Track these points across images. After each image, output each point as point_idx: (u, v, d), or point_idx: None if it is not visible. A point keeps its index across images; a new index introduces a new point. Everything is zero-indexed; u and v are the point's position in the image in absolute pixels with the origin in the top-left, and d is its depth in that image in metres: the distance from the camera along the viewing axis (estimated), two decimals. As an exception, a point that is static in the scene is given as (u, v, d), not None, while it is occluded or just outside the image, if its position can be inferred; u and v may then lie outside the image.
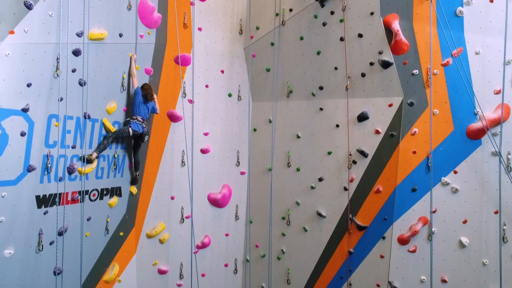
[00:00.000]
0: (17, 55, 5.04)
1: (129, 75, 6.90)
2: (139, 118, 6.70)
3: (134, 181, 7.22)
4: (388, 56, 6.63)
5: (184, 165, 7.78)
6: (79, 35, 5.84)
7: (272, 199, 7.80)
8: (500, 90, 6.26)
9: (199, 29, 7.97)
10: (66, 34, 5.58)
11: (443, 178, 6.50)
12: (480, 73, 6.34)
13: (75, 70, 5.85)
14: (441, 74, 6.44)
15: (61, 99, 5.67)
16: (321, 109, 7.38)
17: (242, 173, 8.30)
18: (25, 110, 5.22)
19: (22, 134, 5.24)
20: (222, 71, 8.14)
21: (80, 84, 5.96)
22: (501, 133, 6.24)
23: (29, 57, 5.18)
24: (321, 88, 7.36)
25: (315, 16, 7.28)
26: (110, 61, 6.49)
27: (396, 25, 6.48)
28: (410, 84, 6.56)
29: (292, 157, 7.72)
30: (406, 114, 6.59)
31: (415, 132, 6.55)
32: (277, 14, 7.77)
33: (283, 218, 7.81)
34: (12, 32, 4.95)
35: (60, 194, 5.82)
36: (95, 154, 6.26)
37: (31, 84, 5.24)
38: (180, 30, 7.77)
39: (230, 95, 8.19)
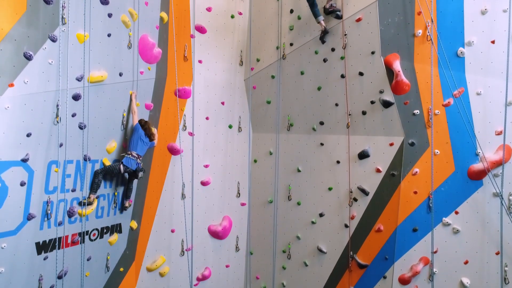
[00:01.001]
0: (17, 107, 5.04)
1: (129, 112, 6.89)
2: (134, 153, 6.61)
3: (122, 209, 7.01)
4: (389, 96, 6.61)
5: (185, 197, 7.77)
6: (79, 79, 5.84)
7: (276, 232, 7.78)
8: (501, 131, 6.23)
9: (200, 61, 7.96)
10: (66, 80, 5.57)
11: (444, 218, 6.47)
12: (482, 114, 6.31)
13: (75, 115, 5.84)
14: (442, 114, 6.41)
15: (61, 145, 5.66)
16: (321, 144, 7.36)
17: (243, 204, 8.29)
18: (24, 160, 5.22)
19: (22, 184, 5.23)
20: (223, 103, 8.13)
21: (80, 128, 5.96)
22: (502, 174, 6.21)
23: (28, 108, 5.17)
24: (321, 123, 7.34)
25: (316, 52, 7.26)
26: (110, 101, 6.48)
27: (397, 66, 6.45)
28: (411, 124, 6.53)
29: (292, 191, 7.70)
30: (407, 154, 6.56)
31: (416, 172, 6.52)
32: (277, 48, 7.75)
33: (284, 252, 7.79)
34: (11, 85, 4.95)
35: (60, 238, 5.81)
36: (92, 196, 6.24)
37: (30, 134, 5.23)
38: (181, 63, 7.77)
39: (230, 126, 8.17)
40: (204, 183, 8.01)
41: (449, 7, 6.28)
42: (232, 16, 8.08)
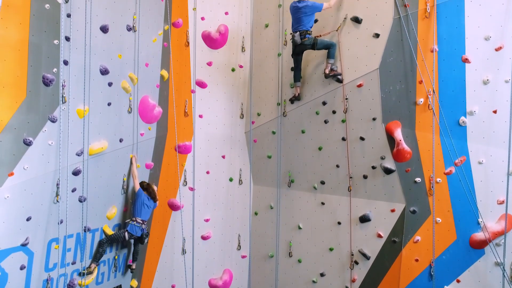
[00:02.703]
0: (17, 194, 5.01)
1: (130, 175, 6.87)
2: (139, 219, 6.61)
3: (127, 270, 7.03)
4: (390, 163, 6.58)
5: (185, 252, 7.76)
6: (79, 154, 5.81)
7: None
8: (503, 201, 6.20)
9: (200, 116, 7.95)
10: (66, 158, 5.55)
11: (446, 286, 6.43)
12: (483, 183, 6.27)
13: (75, 190, 5.82)
14: (444, 182, 6.38)
15: (61, 222, 5.63)
16: (322, 203, 7.33)
17: (243, 257, 8.26)
18: (24, 245, 5.19)
19: (22, 268, 5.21)
20: (223, 156, 8.11)
21: (80, 201, 5.93)
22: (504, 244, 6.17)
23: (28, 192, 5.15)
24: (322, 182, 7.31)
25: (317, 113, 7.23)
26: (110, 169, 6.47)
27: (398, 134, 6.43)
28: (412, 192, 6.51)
29: (293, 247, 7.67)
30: (408, 221, 6.53)
31: (418, 240, 6.50)
32: (278, 104, 7.73)
33: (285, 308, 7.78)
34: (11, 174, 4.92)
35: (59, 311, 5.80)
36: (93, 266, 6.22)
37: (30, 218, 5.21)
38: (181, 118, 7.77)
39: (231, 179, 8.15)
40: (204, 238, 7.99)
41: (451, 76, 6.26)
42: (233, 69, 8.06)
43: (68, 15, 5.48)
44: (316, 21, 7.16)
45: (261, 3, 7.97)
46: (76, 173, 5.76)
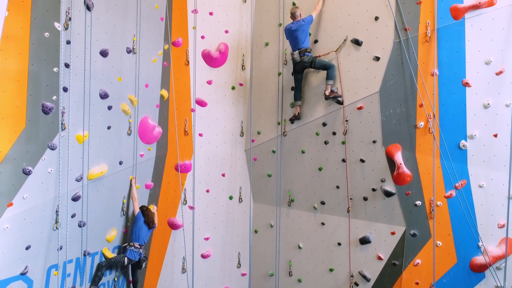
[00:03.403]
0: (16, 224, 4.99)
1: (129, 197, 6.86)
2: (137, 244, 6.59)
3: None
4: (390, 186, 6.57)
5: (185, 271, 7.75)
6: (79, 180, 5.80)
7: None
8: (504, 224, 6.18)
9: (200, 135, 7.94)
10: (66, 185, 5.54)
11: (446, 310, 6.43)
12: (484, 206, 6.26)
13: (75, 215, 5.81)
14: (444, 206, 6.37)
15: (61, 248, 5.62)
16: (322, 223, 7.31)
17: (243, 275, 8.24)
18: (23, 273, 5.17)
19: (21, 297, 5.20)
20: (223, 175, 8.10)
21: (79, 226, 5.92)
22: (505, 268, 6.15)
23: (28, 221, 5.14)
24: (322, 203, 7.29)
25: (317, 133, 7.22)
26: (110, 192, 6.46)
27: (399, 158, 6.42)
28: (412, 215, 6.49)
29: (293, 267, 7.65)
30: (408, 244, 6.52)
31: (418, 263, 6.48)
32: (278, 123, 7.72)
33: (285, 327, 7.76)
34: (10, 204, 4.91)
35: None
36: (93, 289, 6.22)
37: (30, 246, 5.19)
38: (181, 138, 7.76)
39: (231, 197, 8.14)
40: (204, 256, 7.98)
41: (451, 100, 6.24)
42: (233, 88, 8.05)
43: (68, 42, 5.47)
44: (316, 41, 7.16)
45: (261, 21, 7.97)
46: (75, 199, 5.75)
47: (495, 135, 6.15)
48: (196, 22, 7.83)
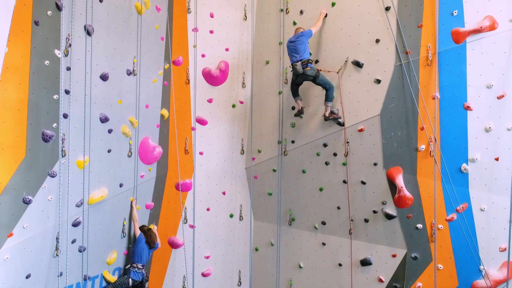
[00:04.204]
0: (16, 254, 4.97)
1: (131, 219, 6.84)
2: (139, 265, 6.59)
3: None
4: (391, 209, 6.55)
5: (185, 290, 7.75)
6: (79, 205, 5.78)
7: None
8: (505, 248, 6.16)
9: (201, 153, 7.93)
10: (66, 212, 5.52)
11: (447, 333, 6.41)
12: (485, 230, 6.23)
13: (75, 241, 5.79)
14: (445, 229, 6.35)
15: (61, 274, 5.60)
16: (323, 244, 7.30)
17: (244, 292, 8.24)
18: (23, 304, 5.16)
19: (20, 326, 5.18)
20: (224, 193, 8.08)
21: (80, 251, 5.90)
22: (506, 292, 6.16)
23: (28, 250, 5.11)
24: (323, 223, 7.28)
25: (318, 154, 7.20)
26: (110, 214, 6.44)
27: (400, 181, 6.40)
28: (414, 238, 6.47)
29: (294, 286, 7.64)
30: (410, 267, 6.50)
31: (419, 286, 6.46)
32: (279, 142, 7.70)
33: None
34: (10, 235, 4.88)
35: None
36: (98, 314, 6.20)
37: (30, 275, 5.17)
38: (182, 156, 7.74)
39: (231, 215, 8.12)
40: (205, 275, 7.97)
41: (453, 124, 6.21)
42: (233, 106, 8.03)
43: (68, 68, 5.45)
44: (317, 61, 7.14)
45: (262, 39, 7.95)
46: (76, 224, 5.73)
47: (497, 159, 6.13)
48: (196, 41, 7.82)
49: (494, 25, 5.94)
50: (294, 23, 7.41)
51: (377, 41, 6.52)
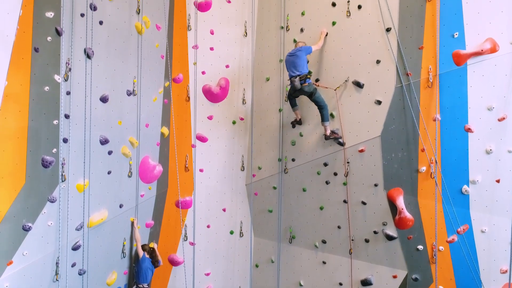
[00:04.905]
0: (16, 282, 4.95)
1: (131, 238, 6.82)
2: (145, 285, 6.60)
3: None
4: (392, 230, 6.54)
5: (186, 307, 7.72)
6: (79, 229, 5.76)
7: None
8: (506, 270, 6.14)
9: (201, 170, 7.91)
10: (66, 237, 5.50)
11: None
12: (486, 251, 6.22)
13: (75, 264, 5.78)
14: (446, 250, 6.33)
15: (61, 300, 5.59)
16: (324, 262, 7.28)
17: (244, 309, 8.23)
18: (23, 330, 5.14)
19: None
20: (224, 209, 8.07)
21: (80, 274, 5.89)
22: (507, 313, 6.13)
23: (28, 277, 5.10)
24: (324, 241, 7.26)
25: (318, 173, 7.19)
26: (110, 235, 6.43)
27: (400, 202, 6.38)
28: (414, 259, 6.46)
29: (294, 304, 7.64)
30: (410, 288, 6.50)
31: (420, 307, 6.46)
32: (279, 160, 7.68)
33: None
34: (10, 263, 4.87)
35: None
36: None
37: (30, 302, 5.17)
38: (182, 174, 7.72)
39: (232, 232, 8.11)
40: (205, 292, 7.97)
41: (454, 145, 6.19)
42: (234, 122, 8.02)
43: (68, 93, 5.43)
44: (317, 80, 7.12)
45: (262, 56, 7.93)
46: (75, 248, 5.72)
47: (498, 181, 6.11)
48: (196, 58, 7.81)
49: (495, 48, 5.92)
50: (295, 41, 7.39)
51: (378, 62, 6.51)
